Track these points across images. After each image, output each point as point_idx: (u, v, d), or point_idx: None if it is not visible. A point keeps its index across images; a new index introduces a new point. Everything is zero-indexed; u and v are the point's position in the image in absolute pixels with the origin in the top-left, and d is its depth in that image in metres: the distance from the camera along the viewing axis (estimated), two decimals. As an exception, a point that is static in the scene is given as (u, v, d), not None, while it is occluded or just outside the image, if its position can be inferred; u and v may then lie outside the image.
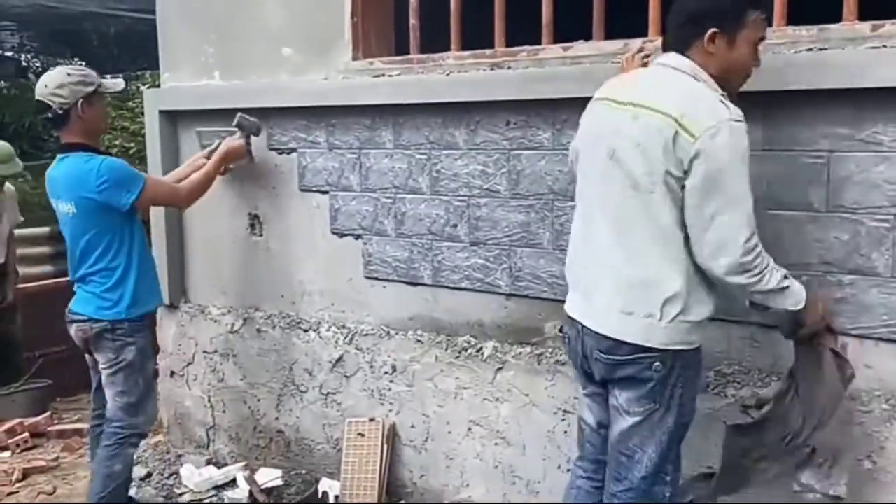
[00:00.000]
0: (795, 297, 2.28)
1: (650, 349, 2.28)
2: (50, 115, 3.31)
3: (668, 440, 2.37)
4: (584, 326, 2.44)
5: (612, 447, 2.44)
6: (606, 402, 2.46)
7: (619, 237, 2.31)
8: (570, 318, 2.53)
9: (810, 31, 2.61)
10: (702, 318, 2.31)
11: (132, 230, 3.42)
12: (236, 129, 3.77)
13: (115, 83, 3.59)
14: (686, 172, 2.17)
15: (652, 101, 2.24)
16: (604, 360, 2.37)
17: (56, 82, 3.31)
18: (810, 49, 2.59)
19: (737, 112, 2.18)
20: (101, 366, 3.48)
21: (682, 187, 2.19)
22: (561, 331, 2.79)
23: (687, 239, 2.23)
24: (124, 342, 3.41)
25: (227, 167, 3.84)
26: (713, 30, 2.25)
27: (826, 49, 2.56)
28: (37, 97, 3.33)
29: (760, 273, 2.21)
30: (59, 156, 3.44)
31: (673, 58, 2.31)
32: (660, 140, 2.18)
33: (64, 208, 3.37)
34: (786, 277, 2.26)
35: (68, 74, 3.34)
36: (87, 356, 3.61)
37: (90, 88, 3.34)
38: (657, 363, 2.28)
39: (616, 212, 2.31)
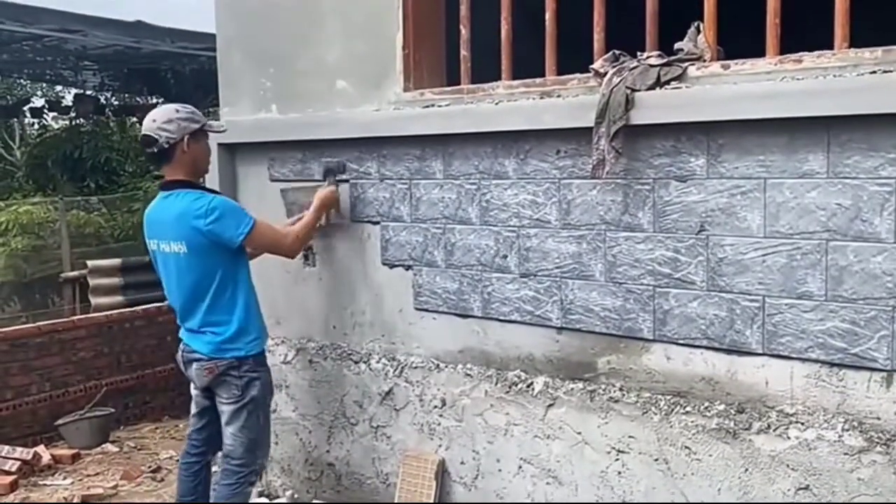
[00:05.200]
0: None
1: None
2: (155, 149, 3.36)
3: None
4: None
5: None
6: None
7: None
8: None
9: (874, 52, 2.48)
10: None
11: (243, 269, 3.45)
12: (324, 176, 3.81)
13: (219, 124, 3.59)
14: None
15: None
16: None
17: (165, 117, 3.35)
18: (874, 72, 2.46)
19: None
20: (222, 401, 3.42)
21: None
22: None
23: None
24: (250, 378, 3.39)
25: (328, 219, 3.83)
26: None
27: (891, 72, 2.43)
28: (143, 132, 3.39)
29: None
30: (161, 193, 3.45)
31: None
32: None
33: (171, 248, 3.36)
34: None
35: (176, 111, 3.38)
36: (196, 393, 3.56)
37: (196, 126, 3.40)
38: None
39: None
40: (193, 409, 3.62)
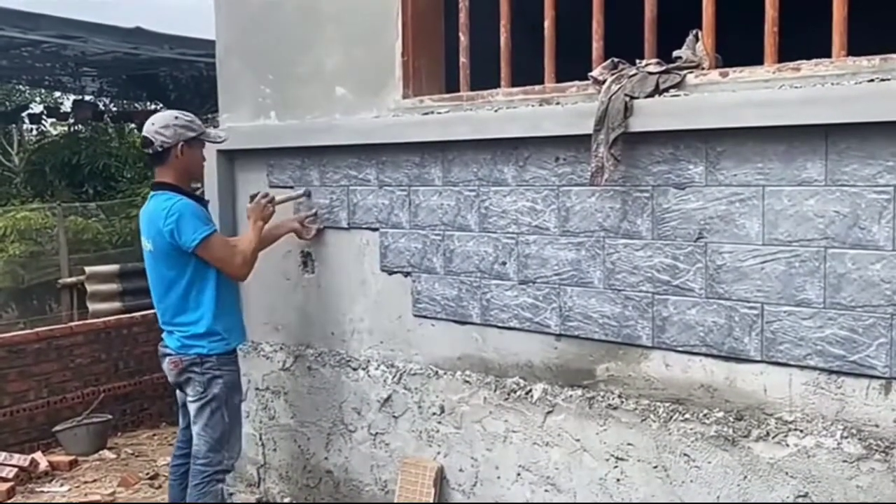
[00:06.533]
0: None
1: None
2: (150, 150, 3.50)
3: None
4: None
5: None
6: None
7: None
8: None
9: (871, 60, 2.49)
10: None
11: (212, 269, 3.47)
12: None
13: (217, 134, 3.70)
14: None
15: None
16: None
17: (163, 122, 3.48)
18: (872, 80, 2.47)
19: None
20: (189, 399, 3.53)
21: None
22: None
23: None
24: (212, 376, 3.48)
25: (308, 231, 3.94)
26: None
27: (888, 80, 2.44)
28: (143, 133, 3.54)
29: None
30: (151, 193, 3.59)
31: None
32: None
33: (147, 246, 3.52)
34: None
35: (175, 117, 3.51)
36: (178, 392, 3.66)
37: (192, 134, 3.51)
38: None
39: None
40: (180, 409, 3.70)
